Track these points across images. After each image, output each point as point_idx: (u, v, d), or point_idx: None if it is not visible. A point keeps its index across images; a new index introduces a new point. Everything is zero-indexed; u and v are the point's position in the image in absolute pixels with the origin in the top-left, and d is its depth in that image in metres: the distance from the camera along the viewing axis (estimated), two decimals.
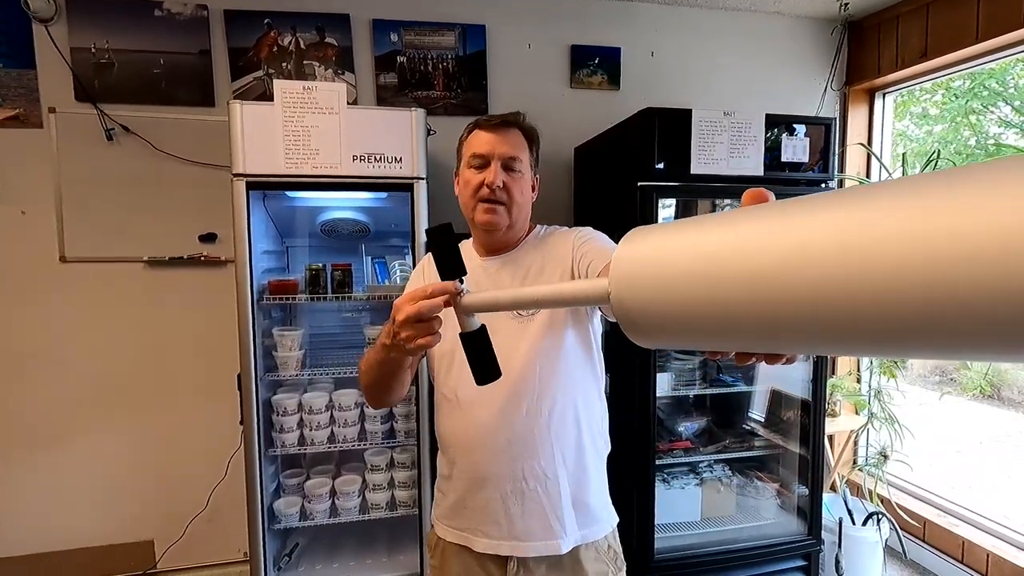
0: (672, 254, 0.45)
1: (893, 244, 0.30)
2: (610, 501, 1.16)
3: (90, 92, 2.15)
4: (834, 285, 0.33)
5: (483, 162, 1.06)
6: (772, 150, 2.02)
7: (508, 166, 1.06)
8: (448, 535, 1.12)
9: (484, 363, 0.79)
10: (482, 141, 1.07)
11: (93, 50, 2.15)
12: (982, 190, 0.28)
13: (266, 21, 2.28)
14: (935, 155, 1.98)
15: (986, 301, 0.27)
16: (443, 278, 0.77)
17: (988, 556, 2.26)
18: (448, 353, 1.08)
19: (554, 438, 1.04)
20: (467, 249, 1.18)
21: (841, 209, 0.34)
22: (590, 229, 1.12)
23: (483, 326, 0.78)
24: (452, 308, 0.78)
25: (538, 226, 1.18)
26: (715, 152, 1.94)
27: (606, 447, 1.16)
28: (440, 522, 1.14)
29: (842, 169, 2.82)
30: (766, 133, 1.99)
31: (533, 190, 1.14)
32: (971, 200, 0.28)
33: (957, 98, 2.96)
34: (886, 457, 2.47)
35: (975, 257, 0.27)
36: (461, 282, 0.77)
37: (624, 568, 1.15)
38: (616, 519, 1.16)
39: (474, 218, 1.08)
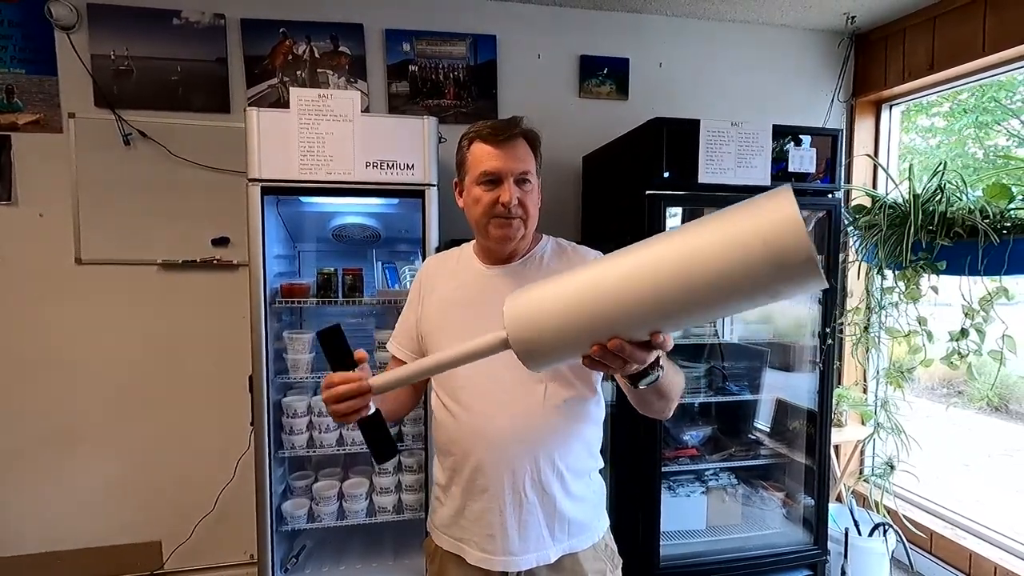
0: (543, 297, 0.71)
1: (666, 261, 0.64)
2: (603, 508, 1.17)
3: (109, 98, 2.19)
4: (642, 286, 0.65)
5: (494, 179, 1.04)
6: (779, 160, 2.04)
7: (520, 180, 1.05)
8: (444, 543, 1.12)
9: (381, 443, 0.85)
10: (491, 157, 1.03)
11: (112, 57, 2.20)
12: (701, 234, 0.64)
13: (281, 30, 2.32)
14: (941, 166, 2.00)
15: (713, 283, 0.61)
16: (335, 371, 0.82)
17: (996, 569, 2.25)
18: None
19: (556, 452, 1.05)
20: (466, 253, 1.17)
21: (637, 251, 0.68)
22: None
23: (378, 410, 0.84)
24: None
25: (544, 238, 1.17)
26: (723, 162, 1.97)
27: (599, 462, 1.17)
28: (437, 530, 1.14)
29: (848, 180, 2.84)
30: (773, 143, 2.01)
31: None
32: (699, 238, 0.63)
33: (966, 113, 2.97)
34: (893, 468, 2.46)
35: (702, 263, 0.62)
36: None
37: (620, 565, 1.16)
38: (608, 522, 1.17)
39: (488, 233, 1.07)
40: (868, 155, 2.85)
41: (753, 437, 2.44)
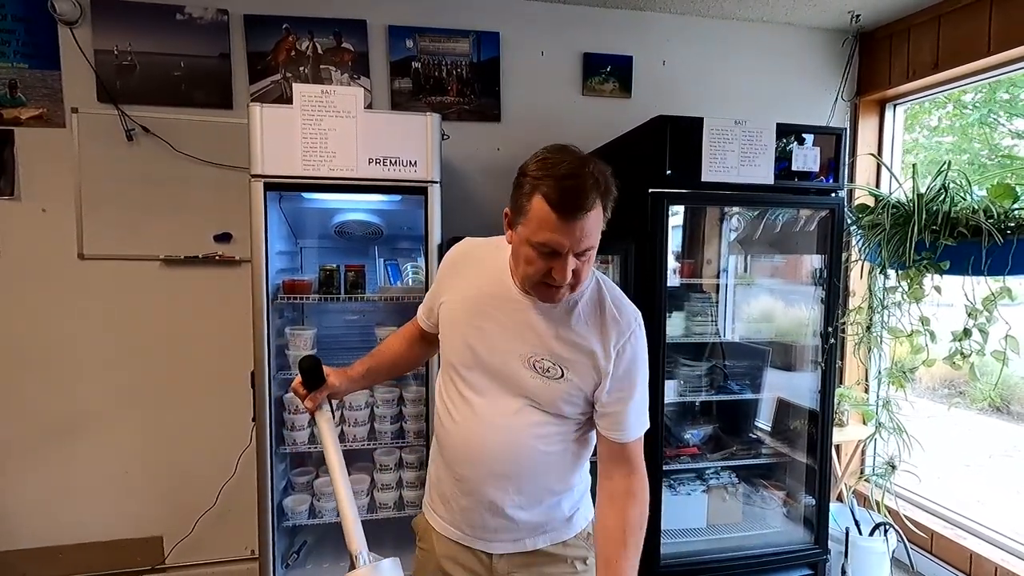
0: None
1: None
2: (589, 503, 1.18)
3: (112, 93, 2.19)
4: None
5: (552, 252, 0.90)
6: (782, 159, 2.03)
7: (581, 253, 0.91)
8: (433, 521, 1.16)
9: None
10: (554, 229, 0.87)
11: (116, 52, 2.20)
12: None
13: (284, 26, 2.32)
14: (945, 166, 1.99)
15: None
16: (309, 389, 1.14)
17: (996, 569, 2.24)
18: (459, 367, 1.07)
19: (540, 479, 1.07)
20: (502, 258, 1.06)
21: None
22: (641, 360, 1.07)
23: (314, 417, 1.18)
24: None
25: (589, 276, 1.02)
26: (726, 160, 1.96)
27: (586, 481, 1.19)
28: (429, 505, 1.19)
29: (852, 179, 2.83)
30: (776, 142, 2.00)
31: None
32: None
33: (976, 108, 2.96)
34: (894, 467, 2.46)
35: None
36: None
37: None
38: (592, 514, 1.18)
39: (532, 290, 0.98)
40: (872, 154, 2.84)
41: (754, 436, 2.44)
